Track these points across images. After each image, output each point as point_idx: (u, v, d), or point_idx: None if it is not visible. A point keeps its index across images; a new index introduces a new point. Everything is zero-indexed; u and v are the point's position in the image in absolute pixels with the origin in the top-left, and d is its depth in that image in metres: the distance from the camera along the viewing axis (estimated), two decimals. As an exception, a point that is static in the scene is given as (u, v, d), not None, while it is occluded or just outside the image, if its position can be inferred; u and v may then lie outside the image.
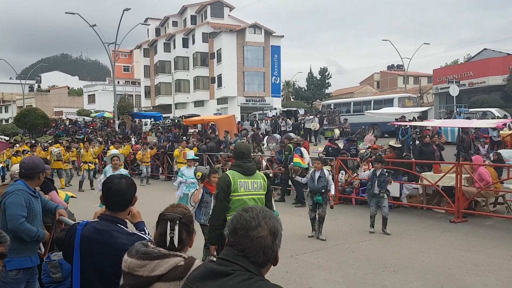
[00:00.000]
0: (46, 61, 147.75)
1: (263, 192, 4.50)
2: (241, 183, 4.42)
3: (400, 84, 62.55)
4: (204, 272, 1.71)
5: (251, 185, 4.45)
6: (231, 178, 4.42)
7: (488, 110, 24.49)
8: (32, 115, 38.97)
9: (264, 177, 4.58)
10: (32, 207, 3.69)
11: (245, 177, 4.46)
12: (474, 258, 6.76)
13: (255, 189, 4.46)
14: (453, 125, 17.11)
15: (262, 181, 4.52)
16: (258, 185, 4.49)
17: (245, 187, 4.43)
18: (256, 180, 4.49)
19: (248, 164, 4.52)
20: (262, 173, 4.82)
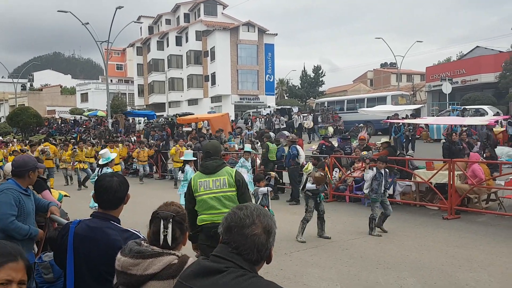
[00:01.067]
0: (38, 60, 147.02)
1: (228, 189, 4.32)
2: (201, 182, 4.34)
3: (393, 82, 62.81)
4: (198, 269, 1.71)
5: (212, 183, 4.32)
6: (193, 179, 4.42)
7: (481, 108, 24.64)
8: (24, 114, 38.71)
9: (231, 174, 4.38)
10: (23, 206, 3.67)
11: (205, 176, 4.37)
12: (467, 254, 6.81)
13: (217, 187, 4.31)
14: (445, 122, 17.22)
15: (227, 178, 4.33)
16: (221, 183, 4.32)
17: (205, 186, 4.32)
18: (218, 177, 4.34)
19: (207, 163, 4.40)
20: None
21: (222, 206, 4.27)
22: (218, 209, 4.27)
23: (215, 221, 4.18)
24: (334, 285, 5.64)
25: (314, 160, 13.53)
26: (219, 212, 4.22)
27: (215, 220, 4.20)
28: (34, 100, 64.83)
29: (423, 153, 17.63)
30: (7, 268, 1.64)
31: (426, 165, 10.98)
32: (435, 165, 10.69)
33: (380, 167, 8.39)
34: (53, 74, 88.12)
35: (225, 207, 4.23)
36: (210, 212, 4.31)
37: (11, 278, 1.64)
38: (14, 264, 1.66)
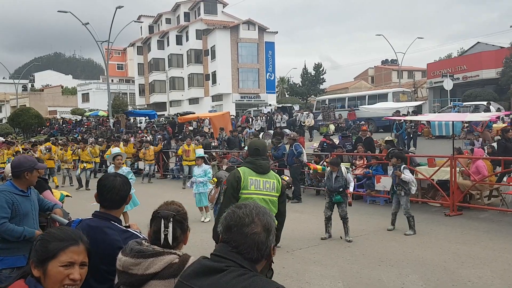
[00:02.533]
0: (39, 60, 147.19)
1: (275, 193, 4.11)
2: (252, 180, 4.08)
3: (394, 78, 62.66)
4: (198, 268, 1.71)
5: (262, 184, 4.08)
6: (242, 174, 4.09)
7: (482, 104, 24.58)
8: (26, 114, 38.82)
9: (278, 178, 4.20)
10: (18, 207, 3.65)
11: (257, 175, 4.11)
12: (469, 250, 6.80)
13: (267, 189, 4.08)
14: (446, 119, 17.17)
15: (276, 182, 4.14)
16: (271, 186, 4.11)
17: (256, 185, 4.07)
18: (269, 180, 4.12)
19: (261, 162, 4.16)
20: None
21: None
22: None
23: None
24: (336, 282, 5.64)
25: (316, 158, 13.57)
26: None
27: None
28: (35, 100, 64.92)
29: (425, 150, 17.62)
30: (69, 251, 1.82)
31: (428, 161, 10.96)
32: (437, 162, 10.67)
33: (394, 163, 8.31)
34: (54, 75, 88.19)
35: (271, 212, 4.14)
36: None
37: (73, 260, 1.82)
38: (75, 247, 1.84)
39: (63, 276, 1.77)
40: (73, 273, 1.80)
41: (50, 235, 1.85)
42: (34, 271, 1.79)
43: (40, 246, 1.81)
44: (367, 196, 11.35)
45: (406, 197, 8.07)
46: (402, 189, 8.05)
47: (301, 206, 11.10)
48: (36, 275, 1.79)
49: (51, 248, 1.79)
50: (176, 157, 18.85)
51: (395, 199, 8.27)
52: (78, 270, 1.82)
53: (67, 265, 1.79)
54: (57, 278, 1.77)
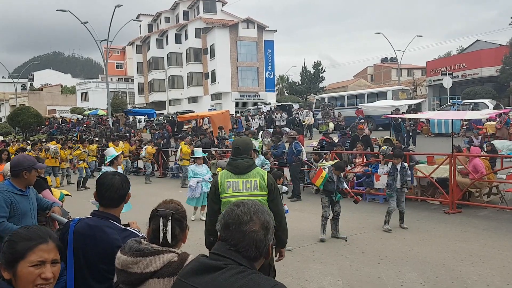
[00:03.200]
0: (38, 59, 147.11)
1: (259, 192, 3.88)
2: (229, 183, 3.91)
3: (393, 77, 62.69)
4: (197, 266, 1.71)
5: (242, 185, 3.89)
6: (219, 178, 3.98)
7: (481, 101, 24.59)
8: (25, 114, 38.76)
9: (263, 176, 3.93)
10: (16, 206, 3.65)
11: (235, 176, 3.93)
12: (469, 248, 6.81)
13: (247, 190, 3.88)
14: (445, 117, 17.17)
15: (259, 180, 3.90)
16: (252, 185, 3.89)
17: (234, 187, 3.89)
18: (249, 179, 3.91)
19: (238, 162, 3.96)
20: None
21: None
22: None
23: None
24: (336, 280, 5.65)
25: (316, 156, 13.58)
26: None
27: None
28: (35, 99, 64.90)
29: (424, 148, 17.62)
30: (38, 250, 1.78)
31: (427, 159, 10.97)
32: (436, 160, 10.67)
33: (395, 163, 8.25)
34: (53, 74, 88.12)
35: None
36: None
37: (43, 259, 1.78)
38: (44, 245, 1.81)
39: (34, 276, 1.74)
40: (44, 272, 1.77)
41: (16, 235, 1.81)
42: (4, 273, 1.76)
43: (7, 248, 1.77)
44: (367, 194, 11.35)
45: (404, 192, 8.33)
46: (406, 187, 8.24)
47: (301, 204, 11.11)
48: (7, 278, 1.75)
49: (19, 248, 1.76)
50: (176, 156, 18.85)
51: (394, 198, 8.19)
52: (50, 268, 1.79)
53: (37, 264, 1.76)
54: (28, 278, 1.74)
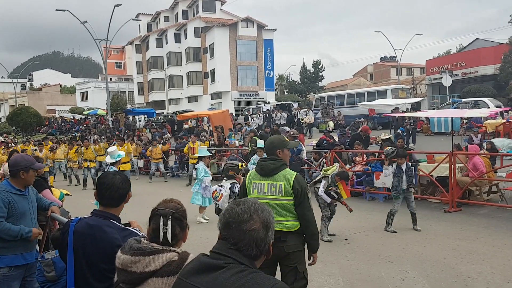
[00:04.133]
0: (37, 59, 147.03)
1: (283, 197, 3.72)
2: (255, 184, 3.81)
3: (393, 75, 62.69)
4: (197, 266, 1.71)
5: (267, 187, 3.76)
6: (247, 179, 3.90)
7: (481, 100, 24.60)
8: (24, 113, 38.76)
9: (290, 180, 3.74)
10: (15, 206, 3.65)
11: (261, 177, 3.80)
12: (469, 246, 6.81)
13: (272, 193, 3.73)
14: (445, 115, 17.18)
15: (284, 184, 3.72)
16: (277, 189, 3.73)
17: (259, 190, 3.78)
18: (275, 182, 3.75)
19: (264, 163, 3.84)
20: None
21: (277, 214, 3.70)
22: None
23: None
24: (336, 279, 5.65)
25: (316, 155, 13.58)
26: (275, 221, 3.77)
27: None
28: (34, 99, 64.87)
29: (424, 146, 17.63)
30: None
31: (427, 158, 10.96)
32: (436, 158, 10.67)
33: (400, 163, 8.04)
34: (52, 73, 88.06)
35: (281, 215, 3.73)
36: None
37: None
38: None
39: None
40: None
41: None
42: None
43: None
44: (367, 193, 11.35)
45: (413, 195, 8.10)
46: (413, 187, 8.11)
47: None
48: None
49: None
50: (176, 155, 18.83)
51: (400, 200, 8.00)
52: None
53: None
54: None
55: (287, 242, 3.74)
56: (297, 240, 3.81)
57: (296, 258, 3.79)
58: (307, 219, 3.79)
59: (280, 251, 3.71)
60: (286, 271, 3.81)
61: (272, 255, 3.91)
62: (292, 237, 3.77)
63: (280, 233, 3.69)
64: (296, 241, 3.80)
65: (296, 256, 3.79)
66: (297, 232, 3.80)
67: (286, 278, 3.78)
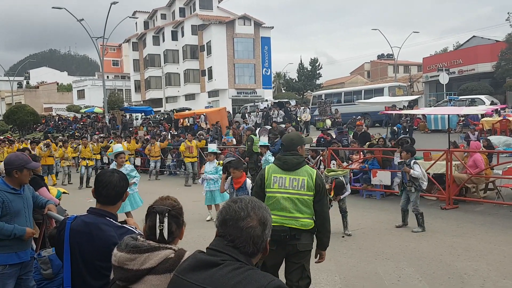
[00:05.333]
0: (34, 57, 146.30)
1: (305, 192, 3.76)
2: (276, 178, 3.82)
3: (390, 73, 62.74)
4: (194, 263, 1.71)
5: (288, 181, 3.78)
6: (266, 172, 3.90)
7: (477, 97, 24.66)
8: (21, 112, 38.61)
9: (312, 175, 3.80)
10: (9, 205, 3.65)
11: (283, 172, 3.82)
12: (465, 243, 6.84)
13: (293, 188, 3.76)
14: (442, 112, 17.22)
15: (307, 179, 3.77)
16: (299, 184, 3.76)
17: (281, 183, 3.80)
18: (297, 177, 3.79)
19: (287, 157, 3.86)
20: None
21: (295, 210, 3.75)
22: (291, 213, 3.75)
23: (285, 224, 3.72)
24: (333, 276, 5.66)
25: (313, 152, 13.59)
26: (292, 216, 3.74)
27: (286, 223, 3.72)
28: (31, 97, 64.65)
29: (420, 144, 17.62)
30: None
31: (424, 155, 10.99)
32: (433, 156, 10.70)
33: (404, 158, 8.04)
34: (49, 71, 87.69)
35: (299, 212, 3.75)
36: (281, 214, 3.75)
37: None
38: None
39: None
40: None
41: None
42: None
43: None
44: (363, 190, 11.38)
45: (417, 193, 7.91)
46: (412, 185, 7.87)
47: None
48: None
49: None
50: (173, 154, 18.79)
51: (404, 194, 8.04)
52: None
53: None
54: None
55: (301, 241, 3.78)
56: (310, 239, 3.87)
57: (305, 256, 3.83)
58: (325, 216, 3.86)
59: (293, 249, 3.76)
60: (292, 268, 3.82)
61: (284, 252, 3.90)
62: (305, 235, 3.81)
63: (296, 231, 3.74)
64: (308, 240, 3.85)
65: (305, 255, 3.83)
66: (310, 232, 3.85)
67: (292, 275, 3.80)
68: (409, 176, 7.87)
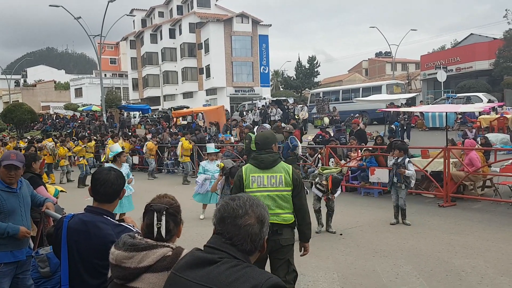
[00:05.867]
0: (31, 55, 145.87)
1: (284, 187, 3.87)
2: (254, 177, 3.88)
3: (388, 71, 62.73)
4: (191, 260, 1.71)
5: (267, 180, 3.86)
6: (243, 173, 3.95)
7: (475, 95, 24.68)
8: (18, 110, 38.47)
9: (289, 171, 3.92)
10: (3, 204, 3.63)
11: (260, 171, 3.89)
12: (463, 241, 6.85)
13: (272, 185, 3.85)
14: (439, 110, 17.24)
15: (284, 175, 3.87)
16: (277, 180, 3.87)
17: (259, 182, 3.87)
18: (274, 174, 3.88)
19: (262, 156, 3.92)
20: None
21: (276, 206, 3.84)
22: (272, 209, 3.78)
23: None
24: (331, 274, 5.67)
25: (311, 150, 13.60)
26: (273, 213, 3.75)
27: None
28: (28, 96, 64.48)
29: (418, 142, 17.69)
30: None
31: (422, 153, 11.01)
32: (431, 153, 10.72)
33: (397, 155, 8.09)
34: (46, 70, 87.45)
35: (280, 208, 3.85)
36: None
37: None
38: None
39: None
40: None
41: None
42: None
43: None
44: (361, 188, 11.39)
45: (406, 190, 8.01)
46: (403, 182, 7.94)
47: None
48: None
49: None
50: (171, 152, 18.78)
51: (394, 191, 8.11)
52: None
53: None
54: None
55: (283, 235, 3.86)
56: (291, 233, 3.97)
57: (288, 251, 3.92)
58: (304, 209, 3.98)
59: (275, 244, 3.81)
60: (278, 264, 3.89)
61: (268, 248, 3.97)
62: (287, 230, 3.91)
63: (277, 226, 3.81)
64: (290, 235, 3.95)
65: (288, 249, 3.92)
66: (291, 226, 3.96)
67: (278, 272, 3.84)
68: (403, 176, 7.92)
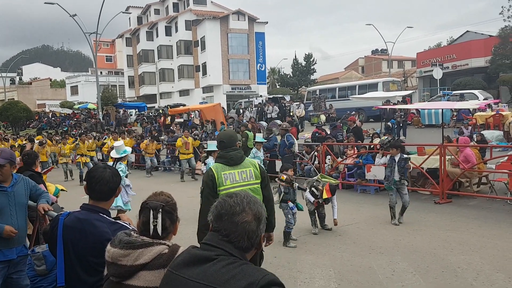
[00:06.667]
0: (27, 53, 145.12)
1: (254, 180, 4.00)
2: (226, 175, 3.94)
3: (384, 68, 62.86)
4: (188, 258, 1.70)
5: (238, 175, 3.96)
6: (215, 172, 3.95)
7: (471, 92, 24.73)
8: (14, 108, 38.34)
9: (255, 164, 4.07)
10: None
11: (230, 168, 3.97)
12: (459, 237, 6.88)
13: (243, 179, 3.97)
14: (435, 107, 17.28)
15: (253, 169, 4.02)
16: (248, 174, 3.99)
17: (232, 179, 3.94)
18: (244, 169, 4.00)
19: (231, 153, 4.00)
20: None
21: None
22: None
23: None
24: (328, 271, 5.68)
25: (307, 148, 13.61)
26: None
27: None
28: (24, 94, 64.22)
29: (414, 139, 17.73)
30: None
31: (418, 150, 11.03)
32: (427, 150, 10.74)
33: (393, 154, 8.03)
34: (42, 68, 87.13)
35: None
36: None
37: None
38: None
39: None
40: None
41: None
42: None
43: None
44: (358, 185, 11.41)
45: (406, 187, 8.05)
46: (405, 179, 8.00)
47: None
48: None
49: None
50: (168, 149, 18.71)
51: (394, 190, 7.97)
52: None
53: None
54: None
55: None
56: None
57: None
58: (271, 198, 4.25)
59: None
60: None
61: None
62: None
63: None
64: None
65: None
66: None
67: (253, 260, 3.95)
68: (402, 171, 7.90)
